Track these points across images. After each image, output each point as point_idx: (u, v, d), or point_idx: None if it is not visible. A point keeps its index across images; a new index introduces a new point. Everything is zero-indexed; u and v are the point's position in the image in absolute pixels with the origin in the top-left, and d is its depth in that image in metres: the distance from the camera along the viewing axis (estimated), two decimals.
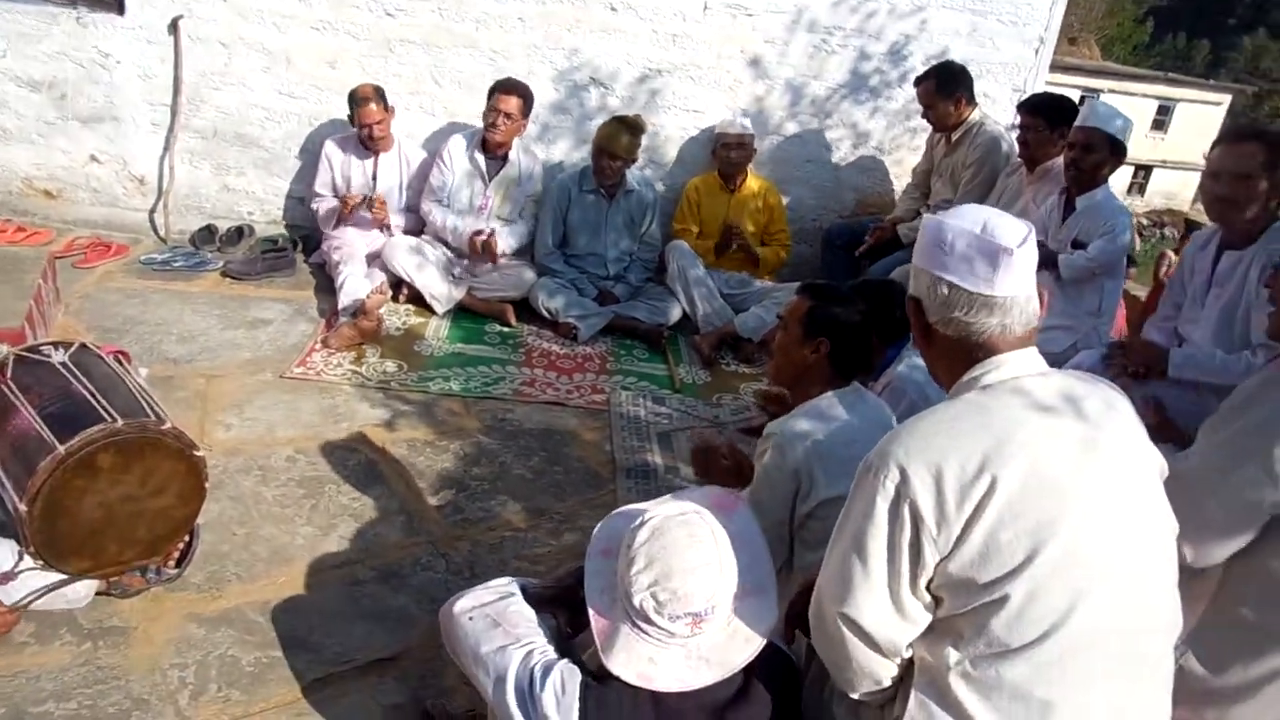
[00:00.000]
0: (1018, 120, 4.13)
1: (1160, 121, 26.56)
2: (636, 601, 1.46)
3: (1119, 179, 22.74)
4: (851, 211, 5.08)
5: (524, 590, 1.74)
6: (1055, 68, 23.15)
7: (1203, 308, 2.93)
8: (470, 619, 1.66)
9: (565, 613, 1.67)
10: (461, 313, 4.47)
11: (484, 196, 4.49)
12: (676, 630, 1.46)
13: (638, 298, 4.61)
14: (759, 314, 4.39)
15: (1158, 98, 26.80)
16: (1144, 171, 26.04)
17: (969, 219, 1.44)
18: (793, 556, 2.11)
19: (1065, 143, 3.98)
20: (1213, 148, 2.84)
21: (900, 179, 5.01)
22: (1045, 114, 4.03)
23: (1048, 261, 3.58)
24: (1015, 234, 1.41)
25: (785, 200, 4.93)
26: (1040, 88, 4.88)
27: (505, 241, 4.49)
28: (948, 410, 1.41)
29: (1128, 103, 24.38)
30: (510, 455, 3.34)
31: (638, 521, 1.54)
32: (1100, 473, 1.35)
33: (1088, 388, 1.44)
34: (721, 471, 2.40)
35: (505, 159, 4.52)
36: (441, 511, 2.97)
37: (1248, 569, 1.68)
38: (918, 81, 4.51)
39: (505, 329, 4.38)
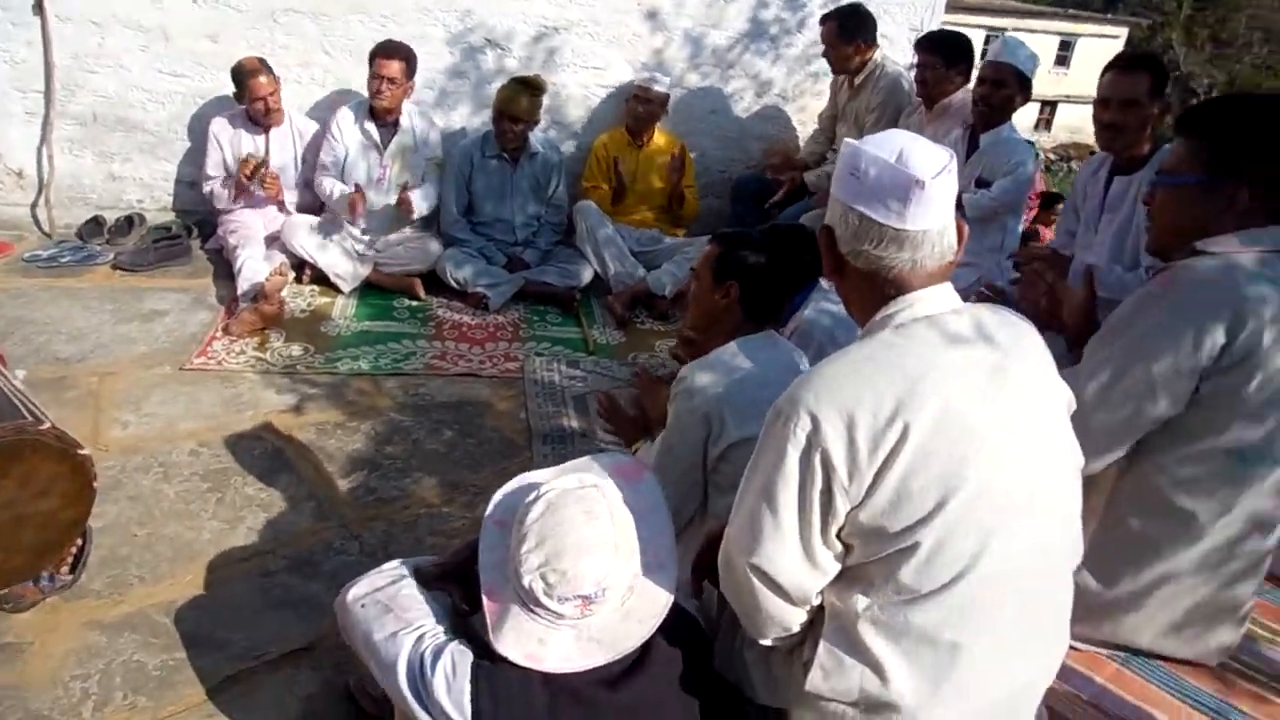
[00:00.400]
0: (916, 59, 4.13)
1: (1063, 58, 27.05)
2: (526, 582, 1.40)
3: (1027, 115, 23.17)
4: (758, 162, 5.05)
5: (418, 570, 1.68)
6: (960, 8, 23.42)
7: (1096, 232, 2.97)
8: (362, 606, 1.60)
9: (460, 589, 1.61)
10: (369, 290, 4.35)
11: (381, 167, 4.34)
12: (566, 612, 1.41)
13: (548, 262, 4.54)
14: (671, 270, 4.36)
15: (1059, 34, 27.27)
16: (1049, 107, 26.52)
17: (886, 146, 1.36)
18: (707, 500, 2.11)
19: (963, 79, 4.02)
20: (1102, 75, 2.86)
21: (805, 125, 5.00)
22: (942, 52, 4.04)
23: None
24: (931, 164, 1.33)
25: (692, 154, 4.88)
26: (937, 26, 4.90)
27: (419, 204, 4.35)
28: (859, 351, 1.36)
29: (1031, 39, 24.59)
30: (423, 431, 3.27)
31: (533, 495, 1.48)
32: (1009, 411, 1.33)
33: (999, 323, 1.40)
34: (629, 423, 2.38)
35: (397, 125, 4.37)
36: (353, 494, 2.89)
37: (1132, 483, 1.72)
38: (822, 20, 4.49)
39: (414, 303, 4.28)
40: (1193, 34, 22.57)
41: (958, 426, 1.28)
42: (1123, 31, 27.67)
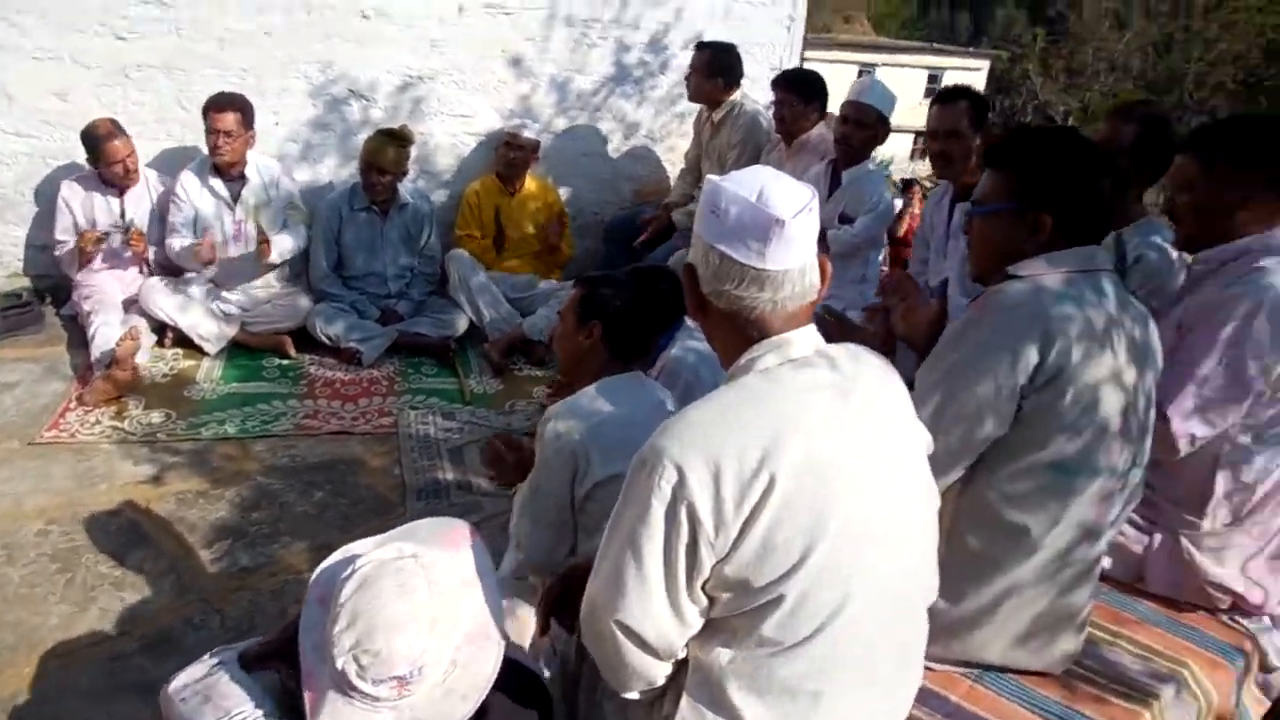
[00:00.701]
0: (774, 97, 4.25)
1: (932, 90, 28.22)
2: (339, 665, 1.33)
3: (902, 146, 23.99)
4: (630, 202, 5.11)
5: (243, 653, 1.61)
6: (833, 45, 24.32)
7: (945, 258, 3.09)
8: (183, 700, 1.53)
9: (286, 665, 1.54)
10: (236, 350, 4.22)
11: (235, 223, 4.23)
12: (381, 694, 1.33)
13: (422, 313, 4.49)
14: (547, 315, 4.36)
15: (927, 68, 28.64)
16: (923, 137, 27.68)
17: (747, 184, 1.32)
18: (576, 543, 2.09)
19: (819, 115, 4.15)
20: (930, 109, 3.00)
21: (674, 165, 5.09)
22: (798, 89, 4.17)
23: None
24: (792, 203, 1.31)
25: (565, 196, 4.92)
26: (795, 64, 5.06)
27: (281, 245, 4.24)
28: (724, 397, 1.32)
29: (901, 74, 25.91)
30: (293, 494, 3.17)
31: (349, 570, 1.41)
32: (870, 458, 1.33)
33: (861, 366, 1.39)
34: (516, 468, 2.36)
35: (244, 177, 4.25)
36: (216, 565, 2.77)
37: (969, 502, 1.77)
38: (698, 47, 4.59)
39: (285, 361, 4.16)
40: (1048, 65, 23.81)
41: (820, 476, 1.26)
42: (984, 64, 29.15)
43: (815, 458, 1.26)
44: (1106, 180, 1.78)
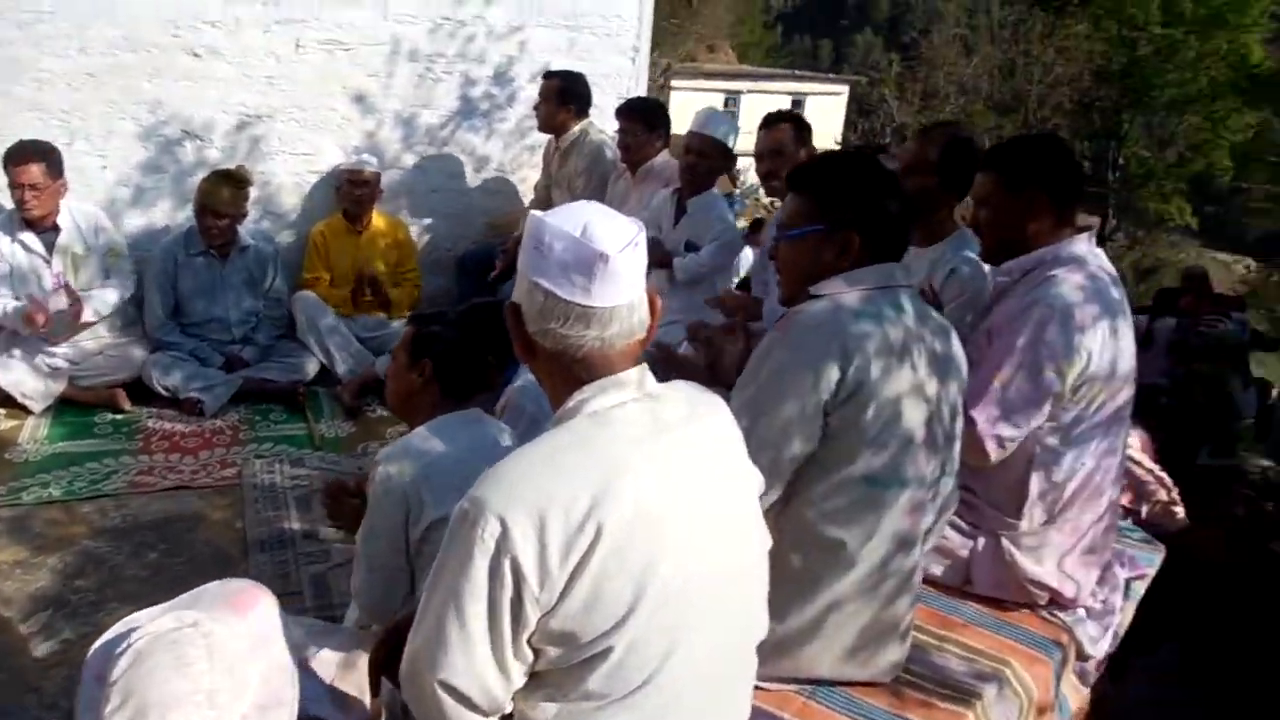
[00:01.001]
0: (618, 125, 4.29)
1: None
2: None
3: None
4: (483, 236, 5.07)
5: None
6: (698, 74, 24.81)
7: None
8: None
9: None
10: (65, 406, 3.97)
11: (54, 275, 3.99)
12: None
13: (269, 358, 4.33)
14: None
15: (790, 94, 29.53)
16: None
17: (571, 219, 1.29)
18: (415, 587, 2.04)
19: (663, 143, 4.22)
20: (757, 133, 3.09)
21: (528, 196, 5.07)
22: (642, 118, 4.23)
23: (664, 262, 3.76)
24: (618, 238, 1.28)
25: (416, 233, 4.85)
26: (642, 93, 5.12)
27: (98, 302, 4.02)
28: (551, 443, 1.28)
29: (766, 100, 26.62)
30: (122, 556, 2.99)
31: (123, 645, 1.33)
32: (700, 501, 1.30)
33: (694, 405, 1.37)
34: (354, 513, 2.29)
35: (57, 227, 4.00)
36: (33, 640, 2.59)
37: (788, 521, 1.79)
38: (547, 75, 4.60)
39: (118, 416, 3.95)
40: (904, 88, 24.85)
41: (649, 523, 1.23)
42: (844, 89, 30.30)
43: (644, 504, 1.23)
44: (898, 201, 1.85)
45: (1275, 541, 4.76)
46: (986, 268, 2.47)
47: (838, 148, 25.73)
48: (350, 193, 4.50)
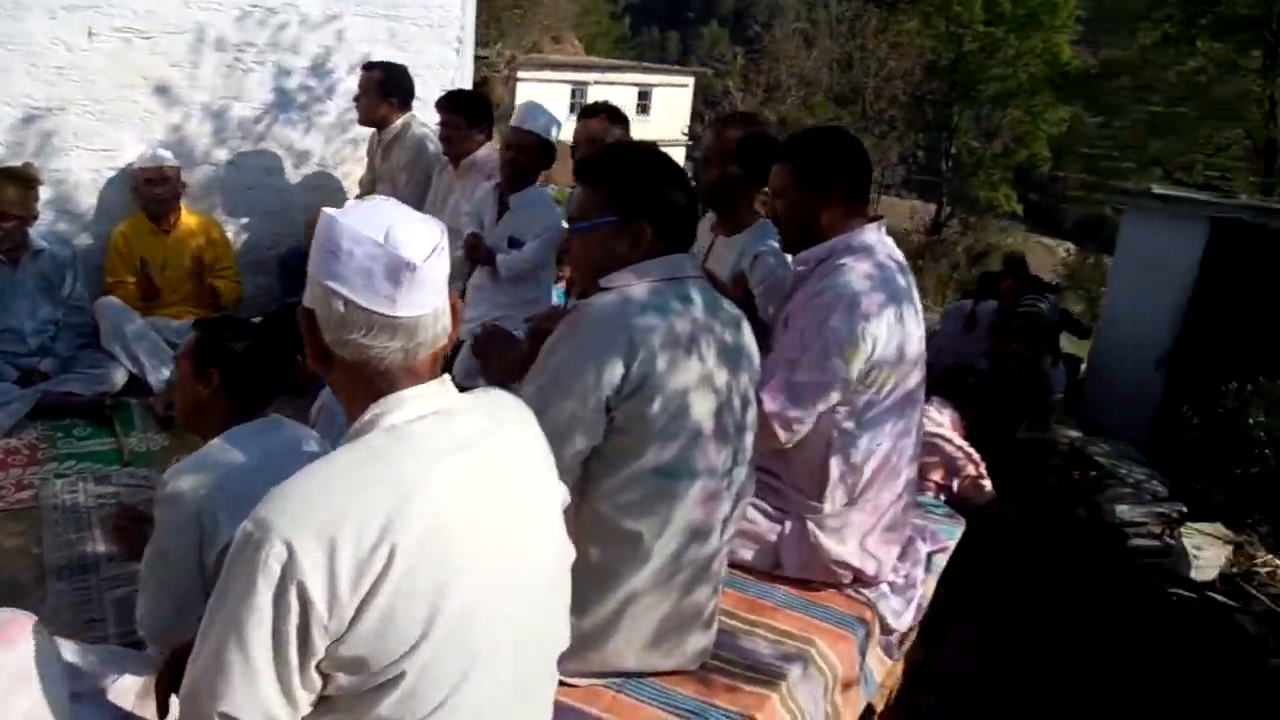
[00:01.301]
0: (439, 119, 4.20)
1: (644, 106, 29.49)
2: None
3: None
4: (305, 233, 4.88)
5: None
6: (544, 66, 24.64)
7: None
8: None
9: None
10: None
11: None
12: None
13: (71, 369, 4.03)
14: None
15: (637, 85, 29.81)
16: None
17: (371, 223, 1.21)
18: None
19: (485, 136, 4.16)
20: (576, 123, 3.10)
21: (353, 192, 4.92)
22: (464, 111, 4.15)
23: (487, 259, 3.70)
24: (423, 245, 1.22)
25: (233, 232, 4.62)
26: (468, 85, 5.04)
27: None
28: (344, 460, 1.21)
29: (612, 91, 26.75)
30: None
31: None
32: (501, 515, 1.26)
33: (498, 418, 1.33)
34: (143, 541, 2.15)
35: None
36: None
37: (586, 515, 1.79)
38: (366, 66, 4.47)
39: None
40: (749, 81, 25.44)
41: (445, 542, 1.18)
42: (690, 80, 30.75)
43: (441, 522, 1.18)
44: (686, 192, 1.87)
45: (1080, 507, 5.11)
46: (788, 256, 2.53)
47: (685, 139, 26.24)
48: (148, 191, 4.23)
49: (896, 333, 2.19)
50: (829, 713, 2.11)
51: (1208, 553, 4.19)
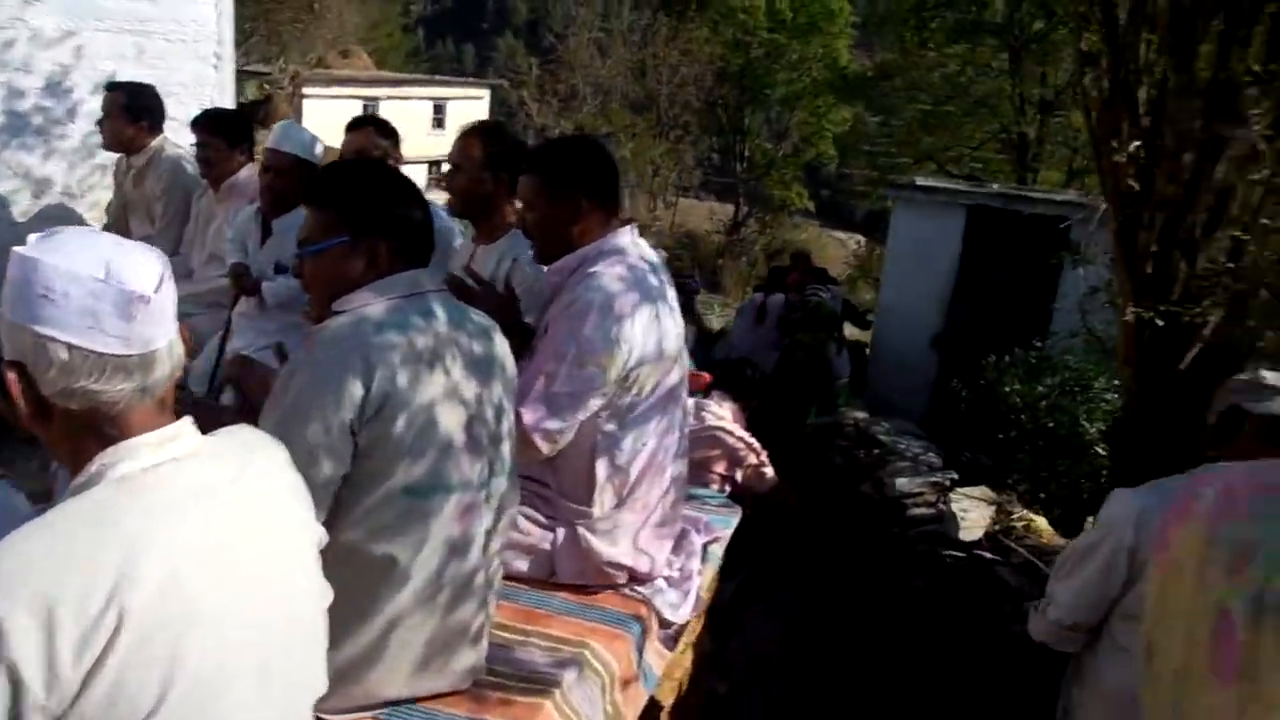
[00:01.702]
0: (196, 140, 3.97)
1: (439, 120, 29.08)
2: None
3: (417, 178, 24.65)
4: None
5: None
6: (331, 81, 23.77)
7: None
8: None
9: None
10: None
11: None
12: None
13: None
14: None
15: (432, 99, 29.38)
16: (435, 166, 28.31)
17: (85, 258, 1.11)
18: None
19: (247, 157, 3.97)
20: (344, 136, 3.04)
21: (100, 221, 4.57)
22: (224, 132, 3.92)
23: (252, 290, 3.52)
24: (149, 274, 1.14)
25: None
26: (229, 103, 4.80)
27: None
28: (65, 519, 1.09)
29: (407, 106, 26.24)
30: None
31: None
32: (248, 564, 1.18)
33: (244, 463, 1.23)
34: None
35: None
36: None
37: (338, 544, 1.70)
38: (109, 87, 4.14)
39: None
40: (545, 90, 25.49)
41: (184, 598, 1.09)
42: (486, 92, 30.59)
43: (178, 580, 1.09)
44: (421, 207, 1.85)
45: (865, 483, 5.41)
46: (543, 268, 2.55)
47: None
48: None
49: (653, 330, 2.23)
50: (609, 712, 2.13)
51: (973, 514, 4.53)
